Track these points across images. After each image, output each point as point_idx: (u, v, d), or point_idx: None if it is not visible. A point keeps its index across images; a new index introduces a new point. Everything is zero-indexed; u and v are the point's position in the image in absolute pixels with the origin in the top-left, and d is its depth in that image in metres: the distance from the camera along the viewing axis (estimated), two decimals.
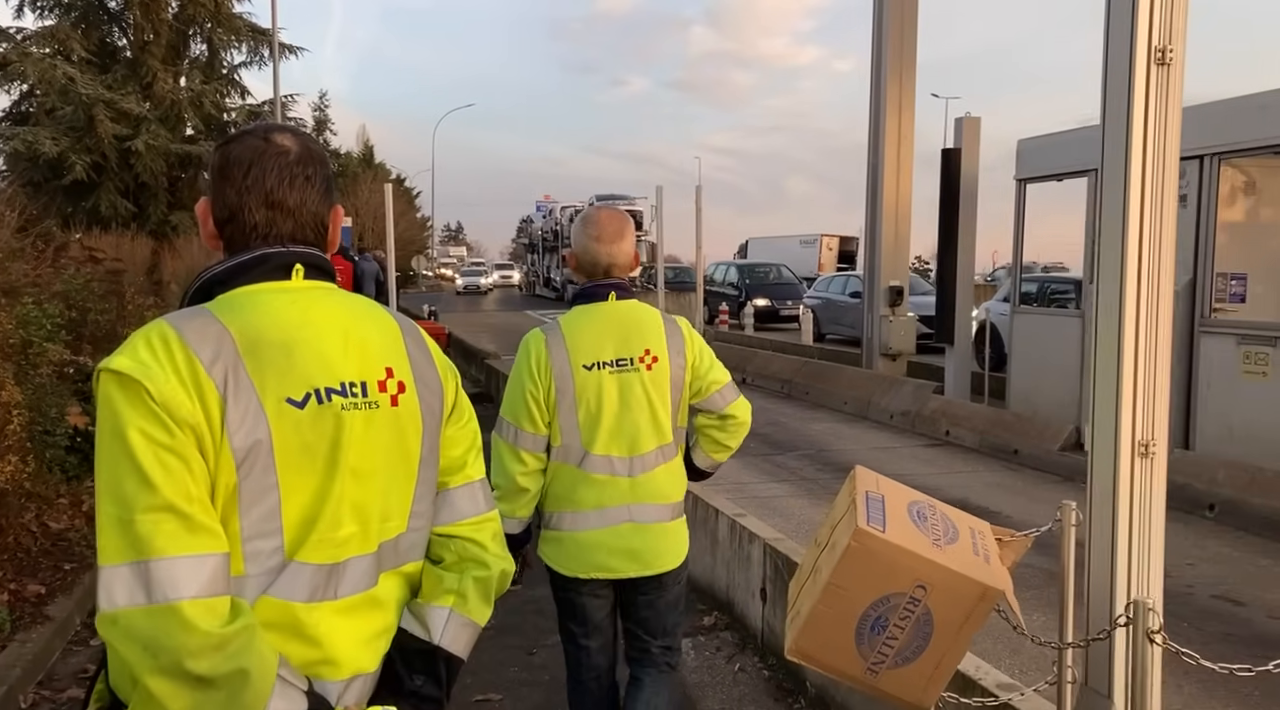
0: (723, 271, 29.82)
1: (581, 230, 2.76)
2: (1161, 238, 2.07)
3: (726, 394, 2.84)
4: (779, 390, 13.91)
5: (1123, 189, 2.08)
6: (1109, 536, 2.12)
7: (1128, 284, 2.07)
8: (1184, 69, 2.04)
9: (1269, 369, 6.99)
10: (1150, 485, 2.09)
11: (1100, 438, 2.17)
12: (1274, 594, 5.31)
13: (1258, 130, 7.08)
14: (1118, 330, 2.07)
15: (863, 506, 2.49)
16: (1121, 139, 2.09)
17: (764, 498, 7.62)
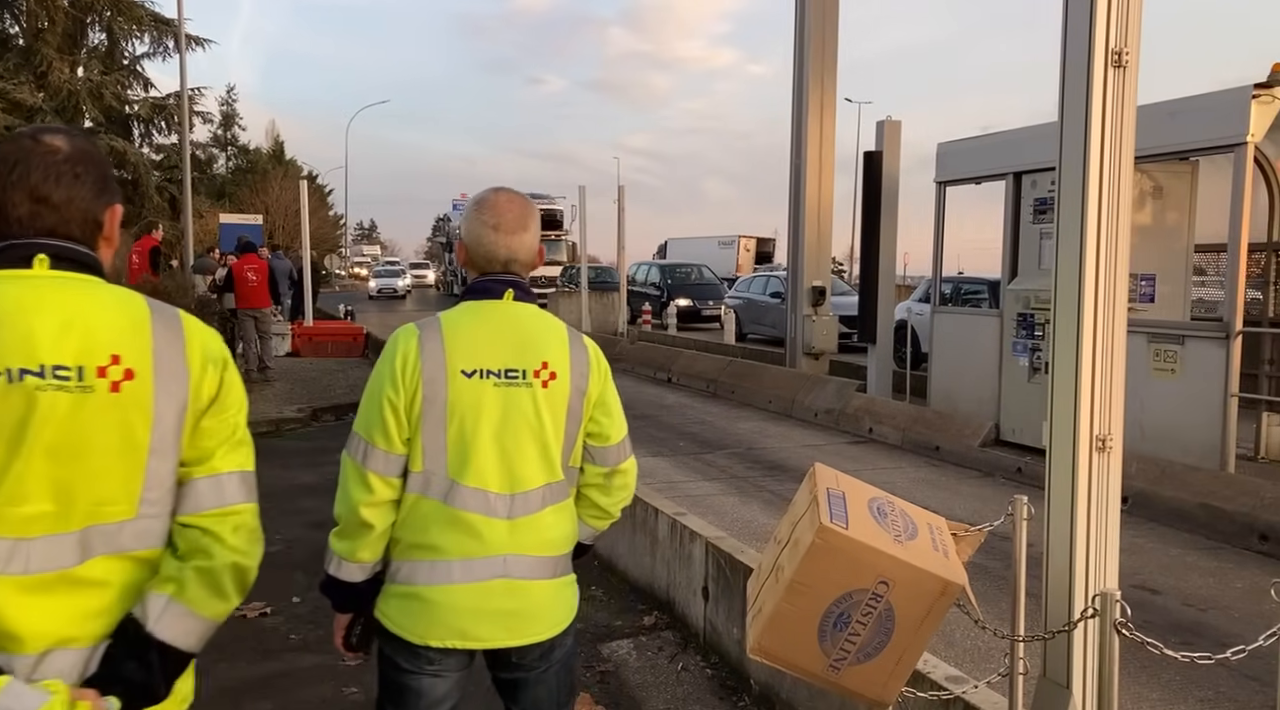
0: (644, 272, 29.92)
1: (476, 216, 2.20)
2: (1118, 236, 2.11)
3: (624, 448, 2.33)
4: (704, 389, 13.98)
5: (1081, 189, 2.11)
6: (1067, 530, 2.16)
7: (1086, 281, 2.11)
8: (1138, 71, 2.08)
9: (1177, 367, 7.29)
10: (1107, 479, 2.14)
11: (1059, 433, 2.21)
12: (1187, 582, 5.53)
13: (1167, 137, 7.38)
14: (1076, 326, 2.11)
15: (825, 503, 2.48)
16: (1080, 140, 2.13)
17: (696, 496, 7.63)
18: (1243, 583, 5.52)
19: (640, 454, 8.61)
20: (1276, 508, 6.14)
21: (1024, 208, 8.74)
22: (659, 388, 14.55)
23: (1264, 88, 6.60)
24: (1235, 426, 6.95)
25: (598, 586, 5.49)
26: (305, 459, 9.23)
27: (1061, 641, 2.22)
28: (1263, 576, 5.64)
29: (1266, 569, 5.78)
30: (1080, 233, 2.10)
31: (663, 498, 5.35)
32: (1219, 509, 6.45)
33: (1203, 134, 7.10)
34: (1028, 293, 8.60)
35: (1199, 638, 4.70)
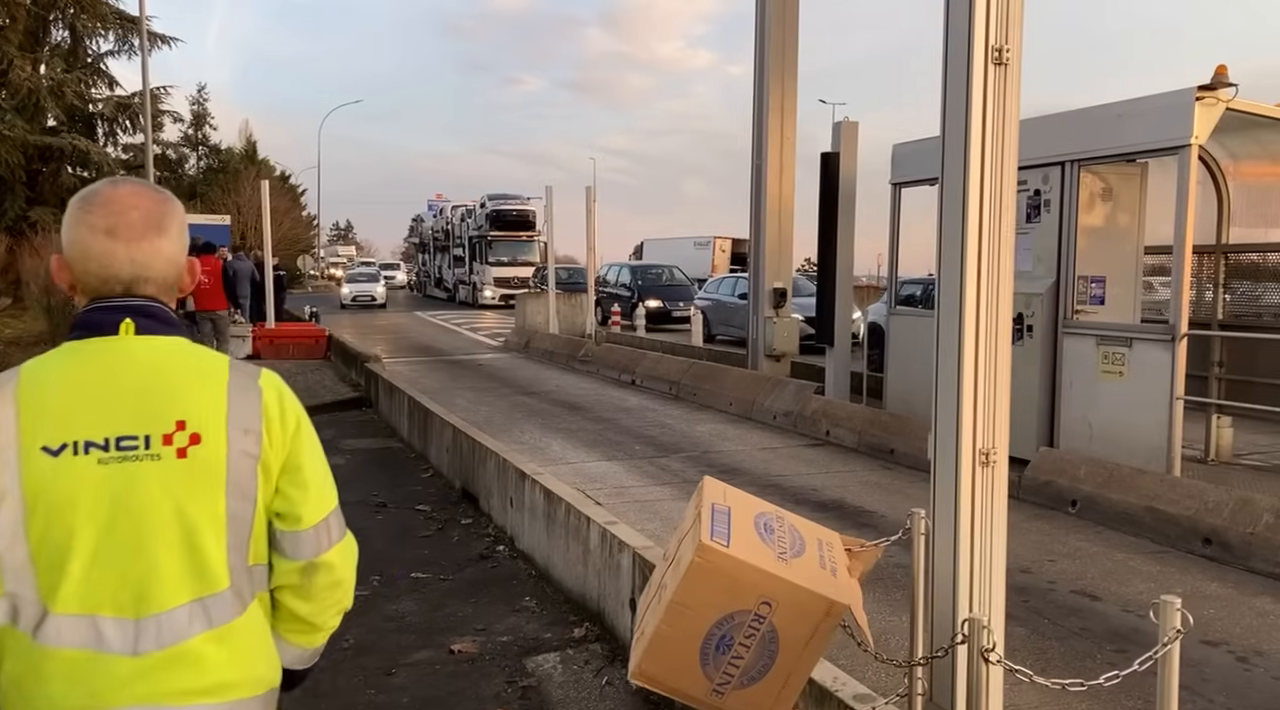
0: (615, 273, 29.81)
1: (80, 216, 1.57)
2: (1000, 241, 2.03)
3: (325, 531, 1.66)
4: (667, 392, 13.89)
5: (961, 193, 2.03)
6: (950, 549, 2.07)
7: (967, 288, 2.03)
8: (1020, 69, 2.00)
9: (1125, 369, 7.26)
10: (991, 495, 2.05)
11: (942, 446, 2.12)
12: (1128, 587, 5.49)
13: (1115, 138, 7.36)
14: (958, 335, 2.02)
15: (708, 520, 2.39)
16: (960, 140, 2.04)
17: (646, 501, 7.54)
18: (1183, 588, 5.48)
19: (594, 458, 8.54)
20: (1219, 511, 6.11)
21: None
22: (622, 390, 14.44)
23: (1207, 90, 6.58)
24: (1180, 430, 6.93)
25: (531, 597, 5.38)
26: None
27: (946, 666, 2.13)
28: (1203, 581, 5.61)
29: (1208, 573, 5.75)
30: (961, 239, 2.02)
31: (595, 506, 5.24)
32: (1164, 513, 6.42)
33: (1149, 136, 7.08)
34: None
35: (1134, 645, 4.64)
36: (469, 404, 12.75)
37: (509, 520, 6.39)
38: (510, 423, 11.23)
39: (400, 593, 5.46)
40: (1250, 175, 8.67)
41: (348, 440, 10.32)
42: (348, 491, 8.00)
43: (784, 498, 7.67)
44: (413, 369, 17.04)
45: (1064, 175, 7.73)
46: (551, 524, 5.50)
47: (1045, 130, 8.01)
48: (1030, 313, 8.03)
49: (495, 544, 6.40)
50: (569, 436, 10.39)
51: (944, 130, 2.08)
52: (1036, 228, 8.07)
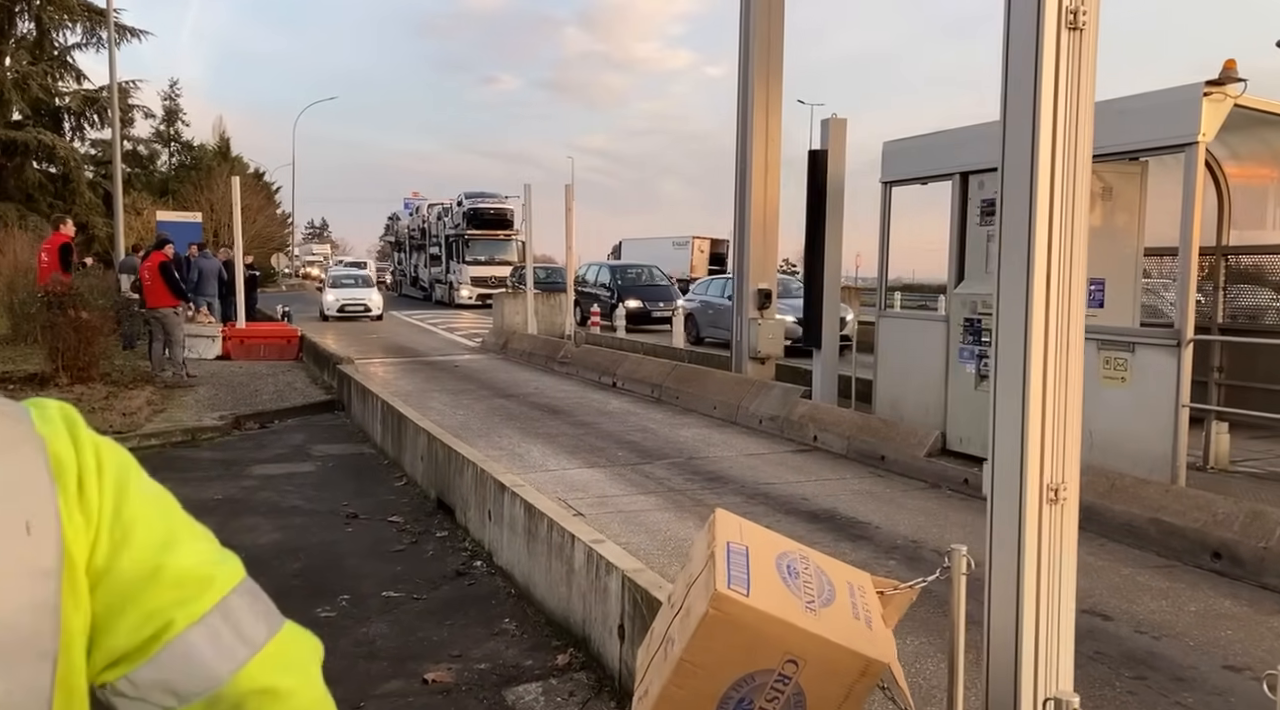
0: (594, 272, 29.38)
1: None
2: (1074, 243, 1.72)
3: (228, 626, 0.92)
4: (649, 395, 13.57)
5: (1029, 184, 1.72)
6: (1013, 605, 1.76)
7: (1035, 298, 1.72)
8: (1098, 35, 1.69)
9: (1127, 375, 7.02)
10: (1061, 539, 1.75)
11: (1001, 480, 1.81)
12: (1138, 605, 5.22)
13: (1115, 136, 7.10)
14: (1023, 352, 1.71)
15: (723, 563, 2.06)
16: (1026, 122, 1.73)
17: (630, 512, 7.21)
18: (1196, 606, 5.23)
19: (575, 465, 8.15)
20: (1229, 524, 5.87)
21: (970, 209, 8.44)
22: (603, 393, 14.10)
23: (1215, 85, 6.34)
24: (1185, 438, 6.69)
25: (511, 619, 5.04)
26: (216, 472, 8.66)
27: None
28: (1216, 599, 5.36)
29: (1220, 590, 5.50)
30: (1028, 237, 1.71)
31: (580, 522, 4.91)
32: (1171, 525, 6.17)
33: (1153, 133, 6.83)
34: (974, 297, 8.30)
35: (1153, 671, 4.38)
36: (445, 407, 12.38)
37: (487, 534, 6.04)
38: (488, 427, 10.87)
39: (371, 614, 5.10)
40: (1252, 176, 8.47)
41: (318, 445, 9.93)
42: (317, 500, 7.67)
43: (773, 508, 7.37)
44: (387, 370, 16.62)
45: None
46: (533, 540, 5.16)
47: None
48: None
49: (472, 559, 6.06)
50: (549, 442, 10.04)
51: (1005, 110, 1.78)
52: None
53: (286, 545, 6.37)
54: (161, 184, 51.05)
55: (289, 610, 1.02)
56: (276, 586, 5.34)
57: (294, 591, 5.38)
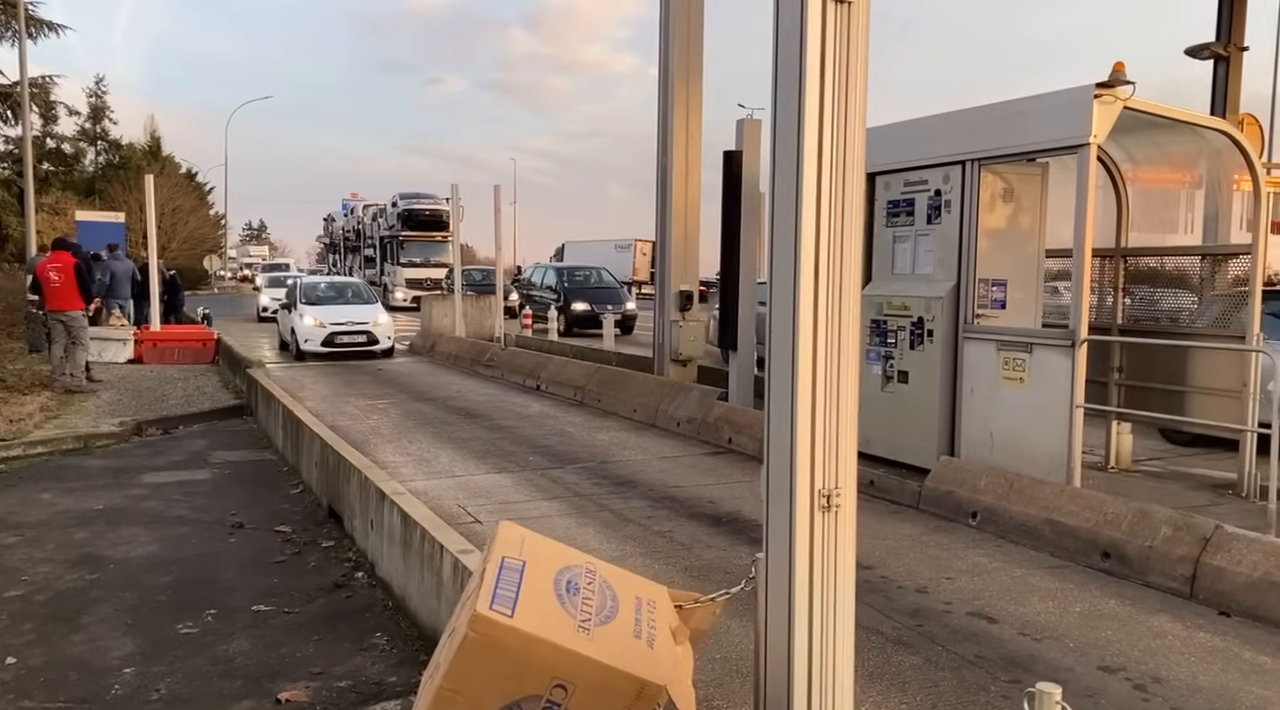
0: (540, 274, 28.79)
1: None
2: (845, 229, 1.61)
3: None
4: (572, 398, 13.40)
5: (795, 168, 1.60)
6: (784, 615, 1.64)
7: (802, 290, 1.60)
8: (869, 8, 1.57)
9: (1026, 375, 7.04)
10: (835, 547, 1.63)
11: (775, 486, 1.68)
12: (1026, 607, 5.19)
13: (1015, 137, 7.13)
14: (791, 351, 1.59)
15: (491, 581, 1.91)
16: (793, 104, 1.61)
17: (530, 518, 7.03)
18: (1081, 606, 5.22)
19: (483, 471, 7.94)
20: (1118, 524, 5.88)
21: (877, 210, 8.42)
22: (526, 396, 13.90)
23: (1105, 87, 6.37)
24: (1080, 439, 6.71)
25: (383, 633, 4.85)
26: (104, 480, 8.30)
27: None
28: (1102, 599, 5.36)
29: (1107, 589, 5.50)
30: (795, 221, 1.59)
31: (452, 531, 4.72)
32: (1065, 525, 6.18)
33: (1048, 134, 6.86)
34: (880, 298, 8.28)
35: (1029, 674, 4.33)
36: (359, 412, 12.08)
37: (370, 544, 5.83)
38: (400, 432, 10.61)
39: (236, 630, 4.86)
40: (1149, 180, 8.58)
41: (219, 452, 9.59)
42: (205, 510, 7.37)
43: (677, 512, 7.26)
44: (305, 374, 16.22)
45: (964, 175, 7.49)
46: (408, 551, 4.97)
47: (946, 128, 7.77)
48: (931, 317, 7.78)
49: (355, 570, 5.84)
50: (460, 447, 9.82)
51: (775, 93, 1.65)
52: (937, 229, 7.82)
53: (161, 557, 6.09)
54: (87, 183, 49.50)
55: (149, 626, 0.86)
56: (141, 601, 5.08)
57: (159, 606, 5.12)
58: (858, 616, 4.99)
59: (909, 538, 6.59)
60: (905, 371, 8.07)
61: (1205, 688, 4.18)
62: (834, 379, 1.59)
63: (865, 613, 5.10)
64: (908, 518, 7.13)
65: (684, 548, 6.31)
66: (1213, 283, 8.17)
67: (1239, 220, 8.47)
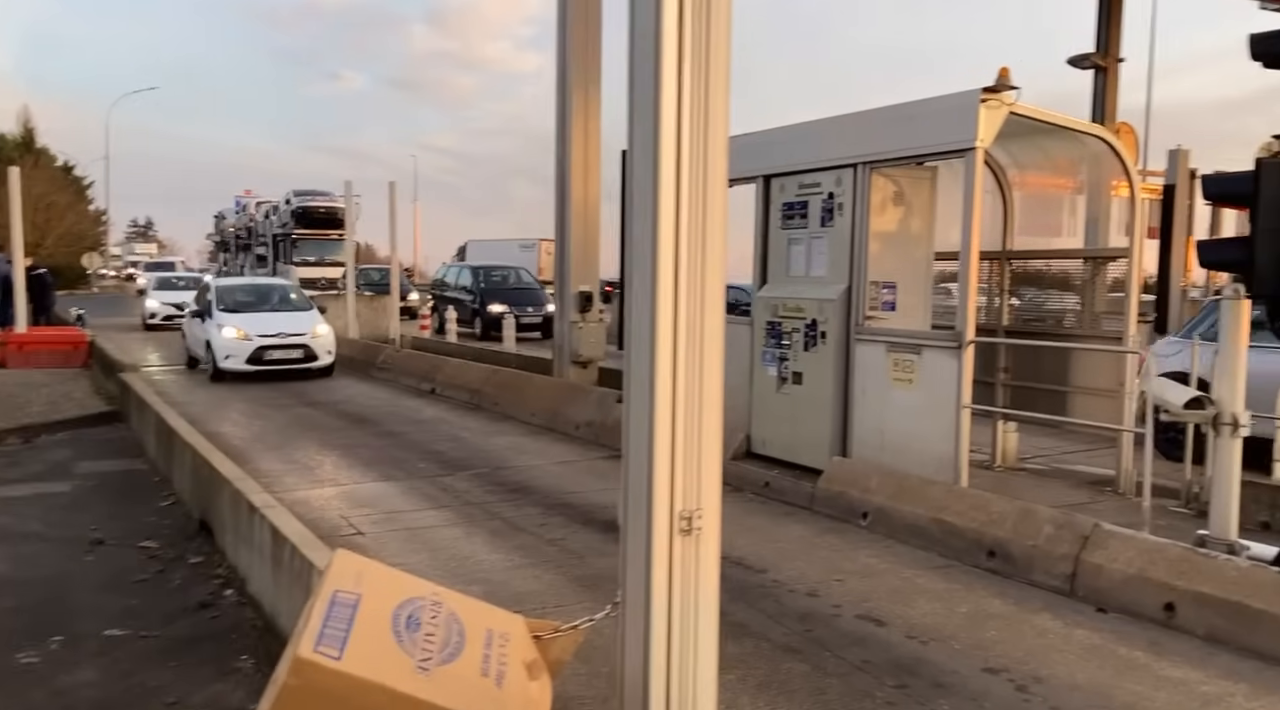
0: (455, 274, 27.57)
1: None
2: (706, 221, 1.47)
3: None
4: (468, 401, 13.09)
5: (653, 159, 1.45)
6: (641, 645, 1.49)
7: (660, 298, 1.46)
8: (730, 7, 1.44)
9: (915, 376, 7.11)
10: (696, 573, 1.49)
11: (632, 509, 1.54)
12: (913, 609, 5.20)
13: (904, 140, 7.20)
14: (649, 364, 1.45)
15: (319, 619, 1.71)
16: (650, 92, 1.46)
17: (416, 528, 6.77)
18: (967, 607, 5.25)
19: (370, 479, 7.57)
20: (1003, 523, 5.97)
21: (773, 212, 8.42)
22: (420, 400, 13.53)
23: (991, 92, 6.47)
24: (967, 439, 6.81)
25: (250, 656, 4.55)
26: None
27: None
28: (987, 598, 5.41)
29: (991, 588, 5.56)
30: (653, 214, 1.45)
31: (323, 548, 4.46)
32: (952, 525, 6.24)
33: (936, 138, 6.94)
34: (776, 300, 8.28)
35: (916, 678, 4.31)
36: (242, 418, 11.55)
37: (241, 559, 5.50)
38: (284, 439, 10.16)
39: (83, 658, 4.50)
40: (1035, 185, 8.80)
41: (84, 462, 9.01)
42: (62, 525, 6.87)
43: (572, 518, 7.09)
44: (188, 378, 15.48)
45: (856, 178, 7.53)
46: (279, 567, 4.68)
47: (838, 131, 7.81)
48: (824, 319, 7.80)
49: (224, 588, 5.50)
50: (347, 453, 9.45)
51: (631, 77, 1.51)
52: (830, 231, 7.86)
53: (6, 579, 5.63)
54: None
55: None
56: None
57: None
58: (748, 623, 4.96)
59: (801, 539, 6.57)
60: (800, 373, 8.09)
61: (1083, 685, 4.23)
62: (696, 395, 1.46)
63: (756, 619, 5.04)
64: (801, 519, 7.12)
65: (576, 557, 6.15)
66: (1093, 285, 8.42)
67: (1117, 224, 8.76)
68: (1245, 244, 4.89)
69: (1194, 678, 4.33)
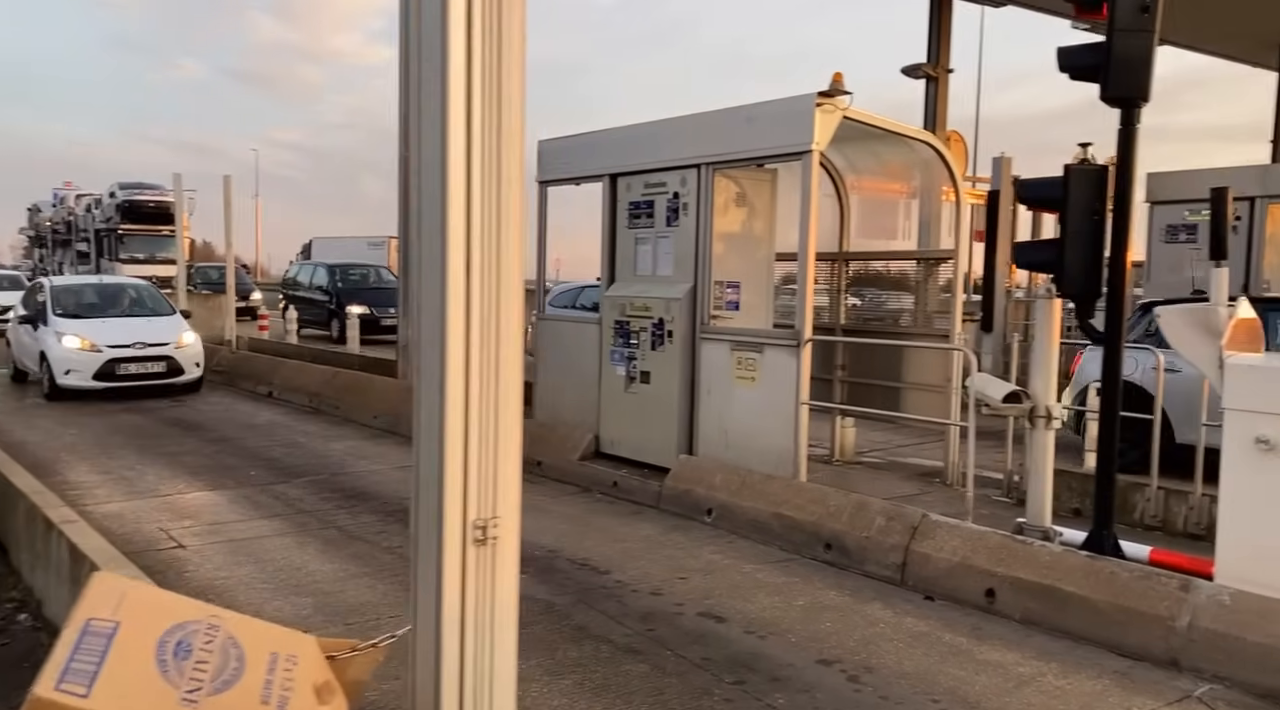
0: (309, 273, 25.90)
1: None
2: (500, 210, 1.37)
3: None
4: (307, 405, 12.54)
5: (440, 135, 1.34)
6: (432, 664, 1.38)
7: (451, 294, 1.35)
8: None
9: (757, 374, 7.23)
10: (492, 587, 1.39)
11: (423, 517, 1.43)
12: (753, 604, 5.26)
13: (745, 142, 7.32)
14: (440, 361, 1.34)
15: (66, 651, 1.52)
16: (437, 64, 1.35)
17: (243, 540, 6.39)
18: (804, 600, 5.36)
19: (196, 488, 7.04)
20: (840, 516, 6.13)
21: (620, 211, 8.41)
22: (256, 404, 12.87)
23: (826, 96, 6.65)
24: (806, 434, 6.98)
25: None
26: None
27: None
28: (824, 590, 5.53)
29: (828, 580, 5.70)
30: (441, 204, 1.34)
31: (129, 565, 4.12)
32: (792, 519, 6.37)
33: (775, 140, 7.08)
34: (623, 300, 8.27)
35: (753, 673, 4.35)
36: (55, 424, 10.69)
37: (37, 580, 5.04)
38: (100, 449, 9.44)
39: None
40: (873, 189, 9.11)
41: None
42: None
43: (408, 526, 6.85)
44: (12, 395, 14.15)
45: (700, 178, 7.60)
46: (77, 588, 4.28)
47: (683, 131, 7.87)
48: (670, 318, 7.84)
49: (18, 611, 5.01)
50: (172, 462, 8.86)
51: (418, 62, 1.39)
52: (676, 231, 7.90)
53: None
54: None
55: None
56: None
57: None
58: (589, 626, 4.90)
59: (647, 538, 6.56)
60: (647, 372, 8.10)
61: (910, 673, 4.37)
62: (492, 397, 1.37)
63: (597, 621, 4.98)
64: (648, 518, 7.12)
65: None
66: (926, 286, 8.78)
67: (949, 228, 9.18)
68: (1055, 246, 5.18)
69: (1010, 660, 4.55)
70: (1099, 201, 5.03)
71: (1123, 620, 4.67)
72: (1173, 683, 4.30)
